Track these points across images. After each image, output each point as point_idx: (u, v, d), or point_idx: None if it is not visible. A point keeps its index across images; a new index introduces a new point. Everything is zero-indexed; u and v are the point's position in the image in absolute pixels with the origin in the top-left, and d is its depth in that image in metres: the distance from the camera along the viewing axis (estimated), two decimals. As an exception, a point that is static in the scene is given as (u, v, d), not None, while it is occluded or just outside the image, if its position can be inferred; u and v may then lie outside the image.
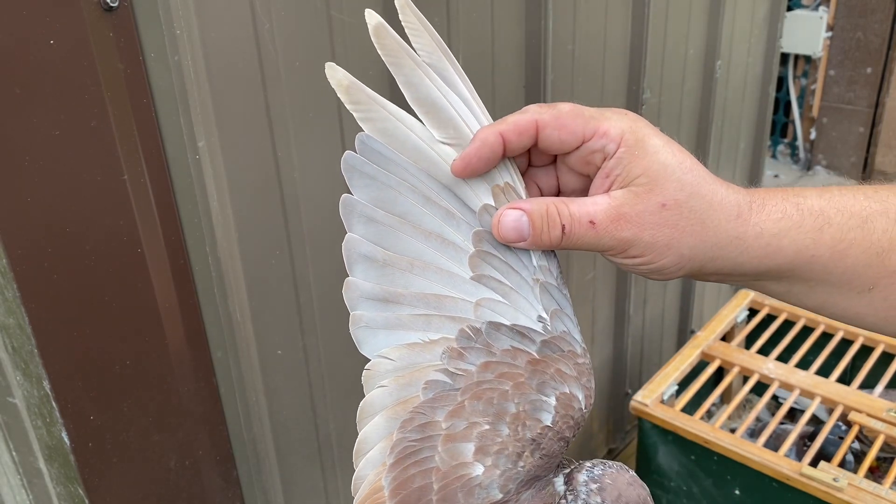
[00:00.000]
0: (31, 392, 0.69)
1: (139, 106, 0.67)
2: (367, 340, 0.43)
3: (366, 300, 0.42)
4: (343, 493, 1.03)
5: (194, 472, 0.82)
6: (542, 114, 0.42)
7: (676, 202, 0.41)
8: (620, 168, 0.42)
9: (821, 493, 1.21)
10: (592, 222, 0.41)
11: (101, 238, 0.67)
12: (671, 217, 0.41)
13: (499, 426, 0.39)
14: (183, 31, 0.67)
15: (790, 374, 1.48)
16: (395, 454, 0.40)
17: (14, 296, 0.63)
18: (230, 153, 0.75)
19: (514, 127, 0.42)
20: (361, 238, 0.41)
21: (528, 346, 0.42)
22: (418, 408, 0.40)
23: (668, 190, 0.41)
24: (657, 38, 1.37)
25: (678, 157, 0.42)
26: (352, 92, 0.42)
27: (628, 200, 0.41)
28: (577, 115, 0.42)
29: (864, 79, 2.77)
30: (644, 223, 0.41)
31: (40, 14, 0.58)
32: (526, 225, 0.42)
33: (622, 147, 0.42)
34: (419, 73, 0.42)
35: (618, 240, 0.42)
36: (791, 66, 2.90)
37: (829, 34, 2.78)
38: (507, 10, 1.03)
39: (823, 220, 0.42)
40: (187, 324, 0.76)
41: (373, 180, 0.41)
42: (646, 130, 0.42)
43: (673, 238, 0.41)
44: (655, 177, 0.41)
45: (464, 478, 0.39)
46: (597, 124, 0.42)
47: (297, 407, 0.92)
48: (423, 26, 0.42)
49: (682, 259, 0.42)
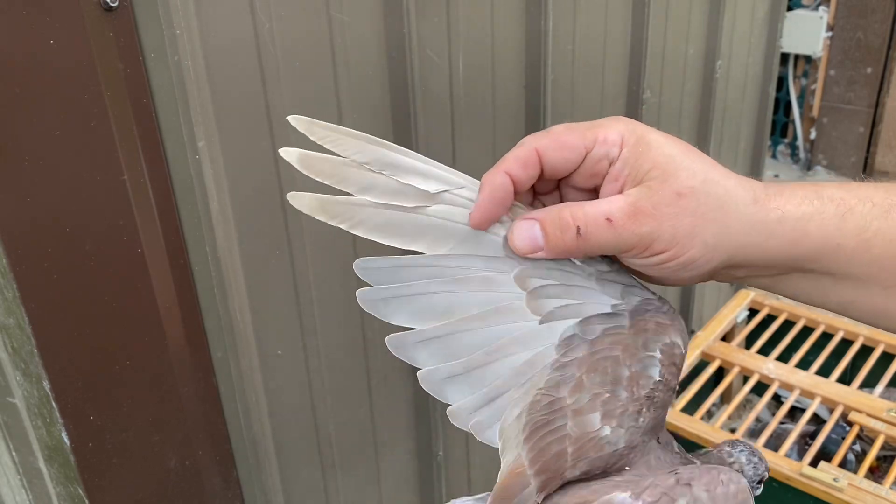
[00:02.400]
0: (30, 392, 0.69)
1: (139, 106, 0.67)
2: (489, 433, 0.44)
3: (474, 412, 0.43)
4: (343, 493, 1.02)
5: (194, 472, 0.82)
6: (538, 140, 0.42)
7: (692, 189, 0.40)
8: (628, 168, 0.41)
9: (821, 493, 1.21)
10: (609, 220, 0.40)
11: (101, 238, 0.67)
12: (689, 204, 0.40)
13: (617, 391, 0.42)
14: (183, 31, 0.67)
15: (790, 374, 1.48)
16: (528, 428, 0.42)
17: (14, 296, 0.63)
18: (230, 153, 0.75)
19: (517, 162, 0.41)
20: (431, 366, 0.42)
21: (621, 321, 0.43)
22: (543, 390, 0.42)
23: (681, 178, 0.40)
24: (657, 38, 1.37)
25: (682, 147, 0.42)
26: (327, 209, 0.41)
27: (643, 195, 0.41)
28: (571, 130, 0.42)
29: (865, 79, 2.77)
30: (663, 215, 0.40)
31: (40, 14, 0.58)
32: (539, 233, 0.42)
33: (625, 148, 0.41)
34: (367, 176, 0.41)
35: (638, 235, 0.40)
36: (791, 66, 2.89)
37: (829, 34, 2.78)
38: (507, 10, 1.03)
39: (845, 207, 0.41)
40: (187, 324, 0.76)
41: (399, 299, 0.41)
42: (644, 128, 0.42)
43: (695, 226, 0.40)
44: (665, 168, 0.40)
45: (595, 439, 0.41)
46: (594, 133, 0.42)
47: (297, 407, 0.92)
48: (338, 133, 0.42)
49: (708, 249, 0.41)
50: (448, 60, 0.95)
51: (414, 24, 0.87)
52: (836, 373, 1.48)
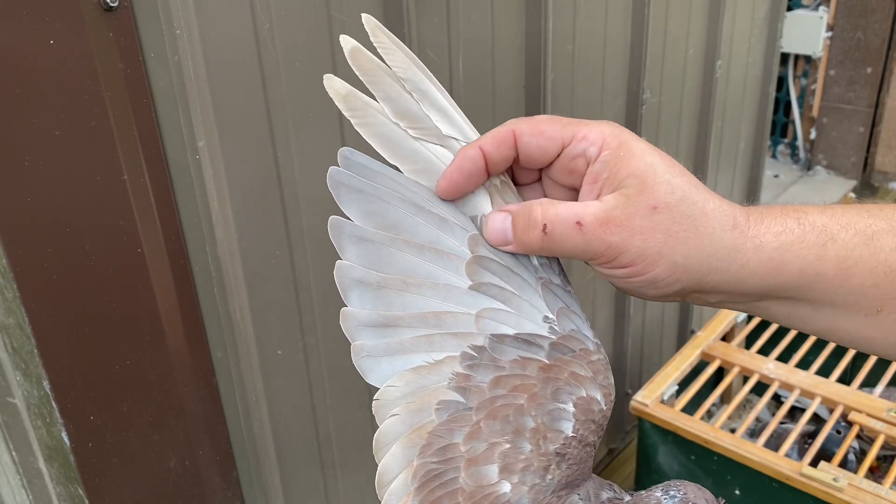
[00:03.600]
0: (30, 392, 0.69)
1: (139, 106, 0.67)
2: (371, 370, 0.41)
3: (364, 328, 0.41)
4: (343, 493, 1.03)
5: (194, 472, 0.82)
6: (518, 123, 0.41)
7: (667, 205, 0.39)
8: (607, 171, 0.40)
9: (821, 493, 1.21)
10: (579, 223, 0.40)
11: (101, 238, 0.67)
12: (663, 221, 0.39)
13: (520, 443, 0.39)
14: (183, 31, 0.67)
15: (790, 374, 1.48)
16: (418, 479, 0.39)
17: (14, 296, 0.63)
18: (230, 153, 0.75)
19: (491, 139, 0.41)
20: (353, 262, 0.40)
21: (537, 353, 0.40)
22: (435, 431, 0.39)
23: (659, 192, 0.39)
24: (657, 38, 1.37)
25: (666, 160, 0.40)
26: (349, 100, 0.42)
27: (619, 203, 0.39)
28: (554, 121, 0.41)
29: (865, 79, 2.77)
30: (634, 227, 0.39)
31: (40, 14, 0.58)
32: (509, 226, 0.41)
33: (605, 150, 0.40)
34: (396, 88, 0.42)
35: (606, 244, 0.39)
36: (791, 66, 2.90)
37: (829, 34, 2.78)
38: (507, 11, 1.03)
39: (827, 236, 0.39)
40: (187, 324, 0.76)
41: (361, 193, 0.41)
42: (628, 134, 0.41)
43: (665, 245, 0.39)
44: (644, 178, 0.39)
45: (492, 496, 0.38)
46: (575, 129, 0.41)
47: (297, 407, 0.92)
48: (395, 45, 0.42)
49: (676, 269, 0.40)
50: (448, 60, 0.95)
51: (414, 24, 0.87)
52: (836, 373, 1.48)
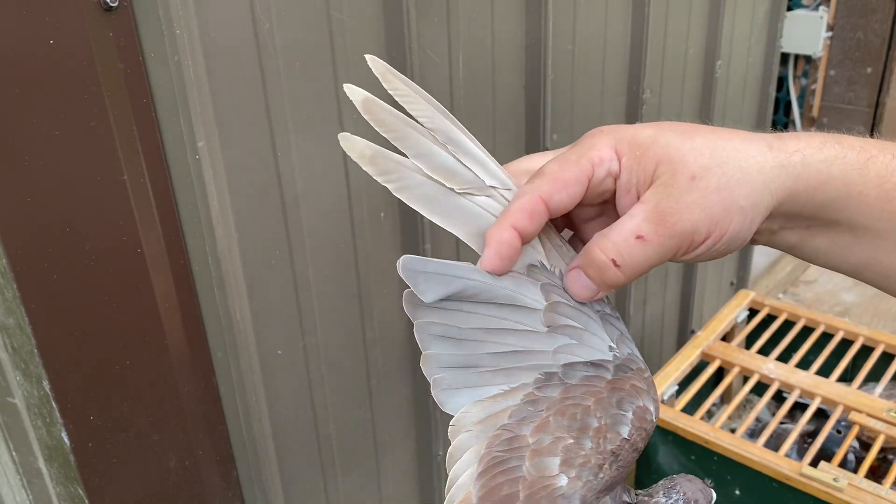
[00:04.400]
0: (30, 392, 0.69)
1: (139, 106, 0.67)
2: (449, 401, 0.42)
3: (445, 369, 0.42)
4: (343, 493, 1.02)
5: (194, 472, 0.82)
6: (539, 187, 0.40)
7: (703, 167, 0.38)
8: (634, 175, 0.40)
9: (821, 493, 1.21)
10: (640, 237, 0.39)
11: (101, 238, 0.67)
12: (709, 182, 0.38)
13: (582, 440, 0.40)
14: (183, 31, 0.67)
15: (790, 374, 1.48)
16: (483, 464, 0.40)
17: (14, 296, 0.63)
18: (230, 153, 0.75)
19: (523, 214, 0.39)
20: (432, 321, 0.41)
21: (604, 373, 0.42)
22: (504, 426, 0.41)
23: (689, 162, 0.38)
24: (657, 38, 1.37)
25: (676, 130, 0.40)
26: (378, 162, 0.40)
27: (661, 194, 0.39)
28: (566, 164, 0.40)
29: (865, 79, 2.77)
30: (688, 205, 0.38)
31: (40, 13, 0.58)
32: (587, 281, 0.41)
33: (622, 157, 0.40)
34: (426, 142, 0.40)
35: (677, 235, 0.38)
36: (791, 66, 2.89)
37: (829, 34, 2.78)
38: (507, 11, 1.03)
39: (866, 154, 0.39)
40: (187, 324, 0.76)
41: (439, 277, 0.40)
42: (629, 131, 0.41)
43: (724, 199, 0.38)
44: (669, 158, 0.39)
45: (549, 487, 0.39)
46: (588, 159, 0.40)
47: (297, 407, 0.92)
48: (412, 90, 0.40)
49: (746, 212, 0.39)
50: (448, 60, 0.95)
51: (414, 24, 0.87)
52: (836, 373, 1.48)
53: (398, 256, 0.41)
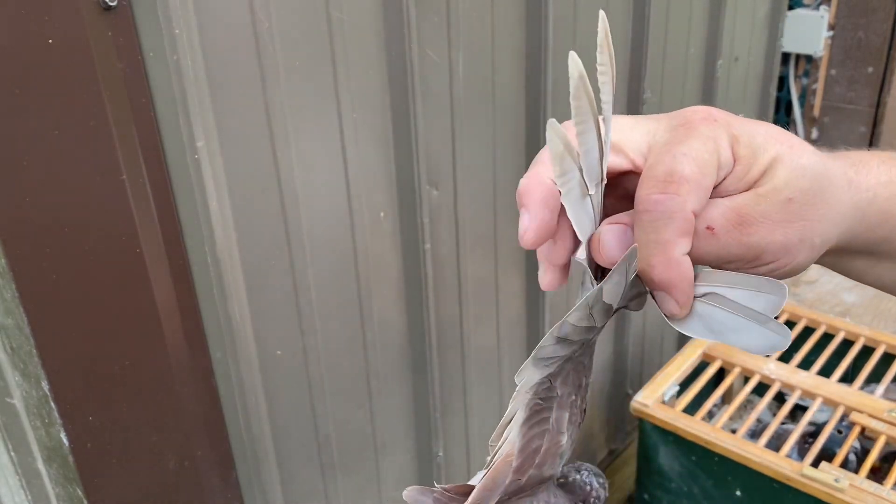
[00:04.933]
0: (29, 392, 0.69)
1: (138, 105, 0.67)
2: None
3: None
4: (343, 494, 1.02)
5: (193, 472, 0.82)
6: (689, 202, 0.34)
7: (802, 191, 0.35)
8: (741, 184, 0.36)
9: (822, 493, 1.21)
10: (710, 228, 0.35)
11: (100, 238, 0.67)
12: (800, 210, 0.36)
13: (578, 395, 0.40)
14: (182, 31, 0.67)
15: (791, 374, 1.48)
16: (527, 410, 0.40)
17: (13, 296, 0.63)
18: (230, 153, 0.75)
19: (687, 240, 0.35)
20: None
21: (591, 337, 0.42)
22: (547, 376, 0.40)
23: (792, 181, 0.35)
24: (658, 38, 1.37)
25: (785, 139, 0.36)
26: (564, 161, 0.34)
27: (749, 201, 0.35)
28: (704, 168, 0.35)
29: (866, 78, 2.77)
30: (773, 223, 0.35)
31: (39, 13, 0.58)
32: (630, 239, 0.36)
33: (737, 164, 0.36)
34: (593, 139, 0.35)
35: (746, 247, 0.35)
36: (792, 66, 2.89)
37: (830, 33, 2.77)
38: (507, 12, 1.02)
39: None
40: (186, 324, 0.76)
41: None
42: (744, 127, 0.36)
43: (805, 231, 0.36)
44: (777, 171, 0.35)
45: (558, 445, 0.40)
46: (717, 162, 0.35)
47: (297, 408, 0.92)
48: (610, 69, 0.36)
49: (814, 250, 0.37)
50: (448, 60, 0.95)
51: (414, 24, 0.87)
52: (837, 373, 1.48)
53: (398, 256, 0.40)
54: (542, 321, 1.28)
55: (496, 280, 1.17)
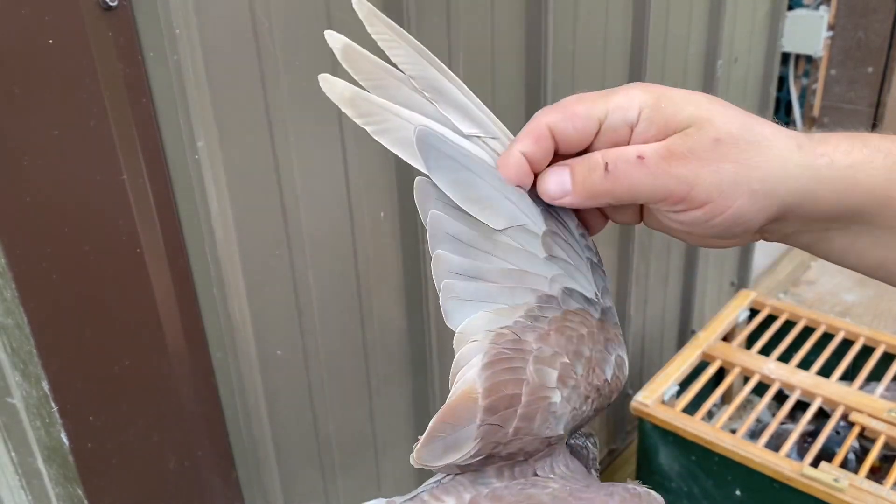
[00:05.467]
0: (29, 392, 0.69)
1: (138, 105, 0.67)
2: (455, 311, 0.42)
3: (453, 274, 0.41)
4: (343, 494, 1.02)
5: (194, 472, 0.82)
6: (548, 115, 0.39)
7: (729, 134, 0.37)
8: (654, 126, 0.38)
9: (822, 493, 1.21)
10: (641, 157, 0.37)
11: (101, 238, 0.67)
12: (729, 151, 0.37)
13: (576, 364, 0.40)
14: (182, 31, 0.67)
15: (791, 374, 1.48)
16: (488, 356, 0.40)
17: (13, 296, 0.63)
18: (230, 153, 0.75)
19: (529, 139, 0.39)
20: (446, 216, 0.40)
21: (593, 311, 0.43)
22: (510, 328, 0.41)
23: (718, 124, 0.37)
24: (658, 38, 1.37)
25: (710, 97, 0.38)
26: (357, 104, 0.39)
27: (677, 140, 0.37)
28: (583, 100, 0.39)
29: (865, 78, 2.77)
30: (701, 159, 0.37)
31: (39, 13, 0.58)
32: (567, 177, 0.40)
33: (644, 109, 0.38)
34: (405, 90, 0.39)
35: (675, 177, 0.37)
36: (792, 66, 2.89)
37: (829, 34, 2.77)
38: (507, 11, 1.02)
39: (893, 158, 0.38)
40: (187, 324, 0.76)
41: (452, 161, 0.39)
42: (661, 87, 0.39)
43: (738, 173, 0.37)
44: (697, 116, 0.37)
45: (546, 399, 0.39)
46: (606, 101, 0.39)
47: (297, 407, 0.92)
48: (397, 35, 0.39)
49: (757, 197, 0.37)
50: (448, 60, 0.95)
51: (414, 25, 0.87)
52: (836, 373, 1.48)
53: (398, 256, 0.41)
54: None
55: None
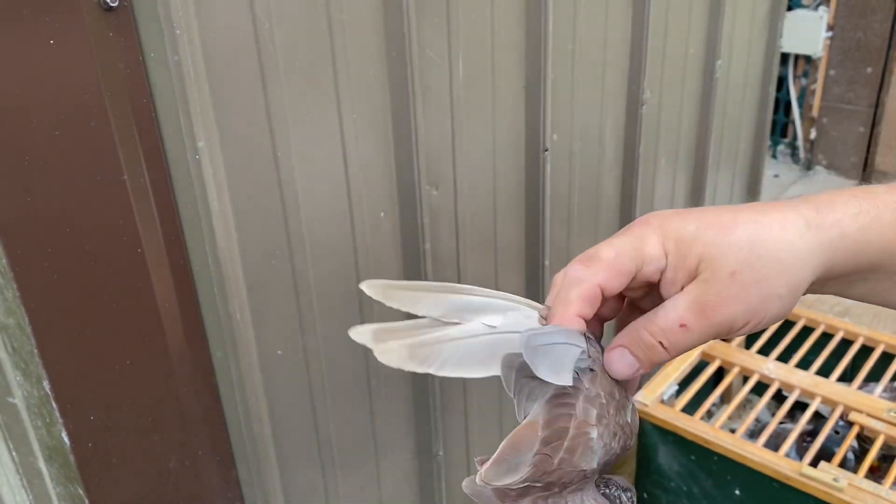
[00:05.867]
0: (30, 392, 0.69)
1: (139, 106, 0.67)
2: None
3: None
4: (343, 493, 1.02)
5: (194, 472, 0.82)
6: (596, 275, 0.43)
7: (741, 262, 0.41)
8: (679, 271, 0.42)
9: (821, 493, 1.21)
10: (683, 325, 0.42)
11: (101, 238, 0.67)
12: (747, 278, 0.41)
13: (609, 404, 0.43)
14: (183, 31, 0.67)
15: (790, 374, 1.48)
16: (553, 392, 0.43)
17: (14, 296, 0.63)
18: (230, 153, 0.75)
19: (584, 303, 0.43)
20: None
21: None
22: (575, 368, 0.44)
23: (729, 258, 0.41)
24: (657, 38, 1.37)
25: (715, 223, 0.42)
26: (417, 353, 0.45)
27: (701, 289, 0.42)
28: (622, 256, 0.43)
29: (865, 79, 2.77)
30: (728, 299, 0.41)
31: (40, 13, 0.58)
32: (631, 358, 0.44)
33: (668, 255, 0.43)
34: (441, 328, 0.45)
35: (717, 325, 0.42)
36: (791, 66, 2.89)
37: (829, 34, 2.77)
38: (507, 10, 1.03)
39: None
40: (187, 324, 0.76)
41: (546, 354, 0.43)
42: (674, 224, 0.43)
43: (762, 291, 0.41)
44: (709, 256, 0.42)
45: (586, 435, 0.42)
46: (641, 254, 0.43)
47: (297, 407, 0.92)
48: (413, 289, 0.46)
49: (783, 299, 0.42)
50: (448, 60, 0.95)
51: (414, 24, 0.87)
52: (836, 373, 1.48)
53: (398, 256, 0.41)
54: (542, 321, 1.28)
55: (496, 280, 1.17)
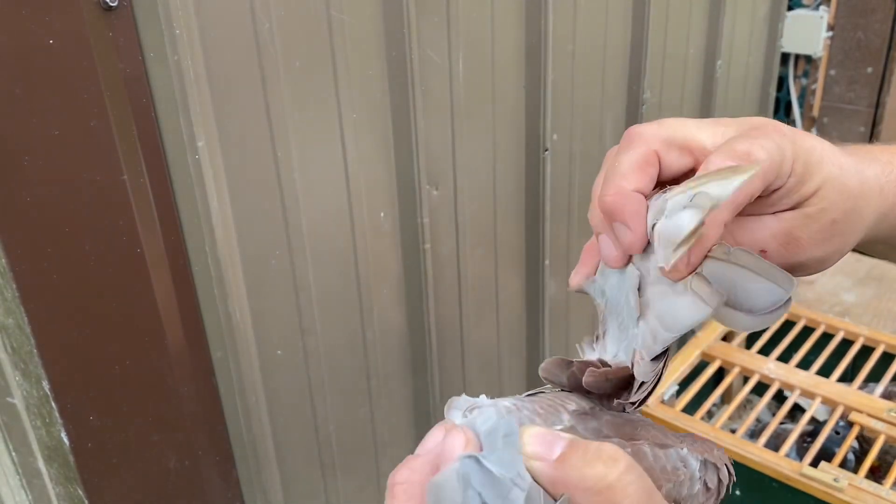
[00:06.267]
0: (30, 392, 0.69)
1: (139, 105, 0.67)
2: None
3: None
4: (342, 493, 1.02)
5: (194, 472, 0.82)
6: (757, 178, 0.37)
7: (844, 212, 0.40)
8: (797, 193, 0.39)
9: (821, 493, 1.21)
10: (763, 251, 0.40)
11: (101, 238, 0.67)
12: (841, 228, 0.40)
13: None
14: (183, 31, 0.67)
15: (791, 374, 1.48)
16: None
17: (13, 296, 0.63)
18: (230, 153, 0.75)
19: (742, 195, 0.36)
20: None
21: None
22: None
23: (838, 203, 0.40)
24: (657, 38, 1.37)
25: (836, 163, 0.40)
26: None
27: (799, 223, 0.39)
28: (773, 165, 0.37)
29: (865, 79, 2.77)
30: (816, 242, 0.40)
31: (40, 13, 0.58)
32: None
33: (791, 178, 0.38)
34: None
35: (793, 264, 0.40)
36: (791, 66, 2.89)
37: (829, 34, 2.77)
38: (507, 11, 1.02)
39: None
40: (187, 324, 0.76)
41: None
42: (804, 142, 0.39)
43: (842, 245, 0.41)
44: (826, 194, 0.39)
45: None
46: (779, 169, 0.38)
47: (297, 407, 0.92)
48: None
49: (844, 253, 0.42)
50: (448, 60, 0.95)
51: (414, 24, 0.87)
52: (836, 373, 1.48)
53: (398, 256, 0.41)
54: (542, 321, 1.28)
55: (496, 280, 1.17)
